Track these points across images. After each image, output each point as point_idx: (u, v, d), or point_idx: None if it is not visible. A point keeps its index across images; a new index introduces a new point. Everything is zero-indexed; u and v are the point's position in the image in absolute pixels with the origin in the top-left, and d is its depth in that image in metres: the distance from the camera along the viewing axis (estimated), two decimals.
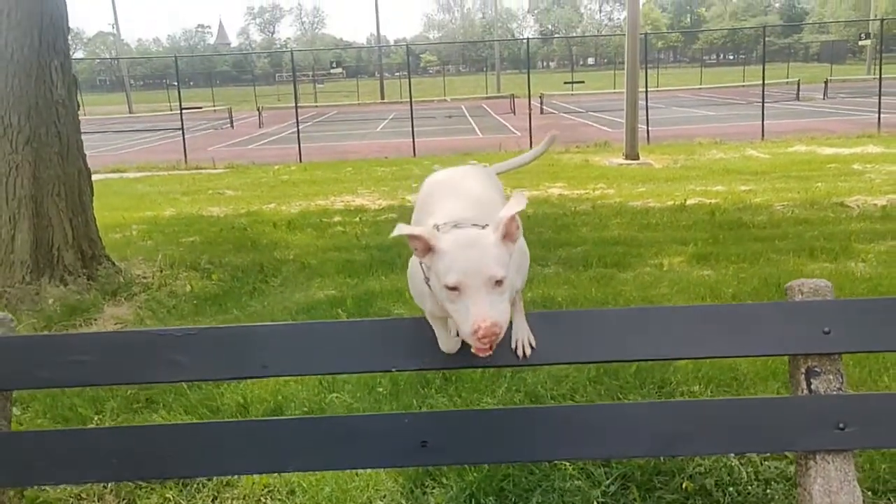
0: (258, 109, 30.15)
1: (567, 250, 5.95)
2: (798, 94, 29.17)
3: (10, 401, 1.91)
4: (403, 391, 3.19)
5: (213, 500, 2.54)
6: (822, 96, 28.64)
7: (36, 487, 2.58)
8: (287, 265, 5.91)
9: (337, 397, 3.11)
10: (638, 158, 13.69)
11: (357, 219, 8.53)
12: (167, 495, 2.54)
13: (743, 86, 34.60)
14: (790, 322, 1.92)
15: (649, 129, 17.04)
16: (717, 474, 2.45)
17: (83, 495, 2.58)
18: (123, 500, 2.58)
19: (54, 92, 4.95)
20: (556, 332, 1.90)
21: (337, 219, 8.64)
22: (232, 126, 29.32)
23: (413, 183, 11.81)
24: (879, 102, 17.36)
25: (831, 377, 1.91)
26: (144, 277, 5.34)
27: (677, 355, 1.94)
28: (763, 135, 16.53)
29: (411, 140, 17.17)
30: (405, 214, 8.66)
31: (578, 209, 8.52)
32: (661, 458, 2.54)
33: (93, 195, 5.32)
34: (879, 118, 17.04)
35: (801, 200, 8.21)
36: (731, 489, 2.38)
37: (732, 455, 2.50)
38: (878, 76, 19.28)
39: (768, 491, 2.36)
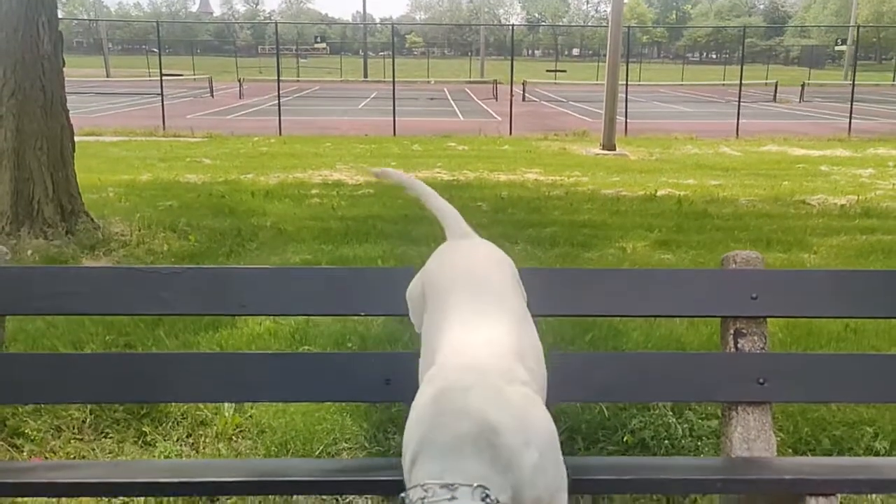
0: (239, 81, 29.90)
1: (537, 230, 6.16)
2: (775, 95, 29.67)
3: (3, 325, 2.05)
4: (371, 348, 3.36)
5: (187, 437, 2.71)
6: (798, 99, 29.17)
7: (17, 419, 2.73)
8: (264, 231, 6.04)
9: (307, 349, 3.28)
10: (614, 149, 13.94)
11: (334, 192, 8.65)
12: (143, 430, 2.70)
13: (723, 84, 35.11)
14: (723, 287, 2.13)
15: (628, 121, 17.32)
16: (655, 430, 2.67)
17: (63, 427, 2.73)
18: (101, 433, 2.73)
19: (40, 47, 5.02)
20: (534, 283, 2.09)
21: (314, 191, 8.75)
22: (212, 95, 29.07)
23: (392, 161, 11.94)
24: (851, 108, 17.81)
25: (756, 338, 2.12)
26: (122, 235, 5.44)
27: (623, 312, 2.14)
28: (738, 133, 16.89)
29: (392, 119, 17.24)
30: (382, 192, 8.82)
31: (552, 194, 8.74)
32: (606, 415, 2.75)
33: (74, 151, 5.39)
34: (850, 123, 17.50)
35: (766, 196, 8.51)
36: (666, 442, 2.61)
37: (670, 414, 2.72)
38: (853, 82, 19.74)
39: (699, 444, 2.59)
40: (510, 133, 17.37)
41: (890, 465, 2.09)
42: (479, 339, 1.30)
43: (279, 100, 18.09)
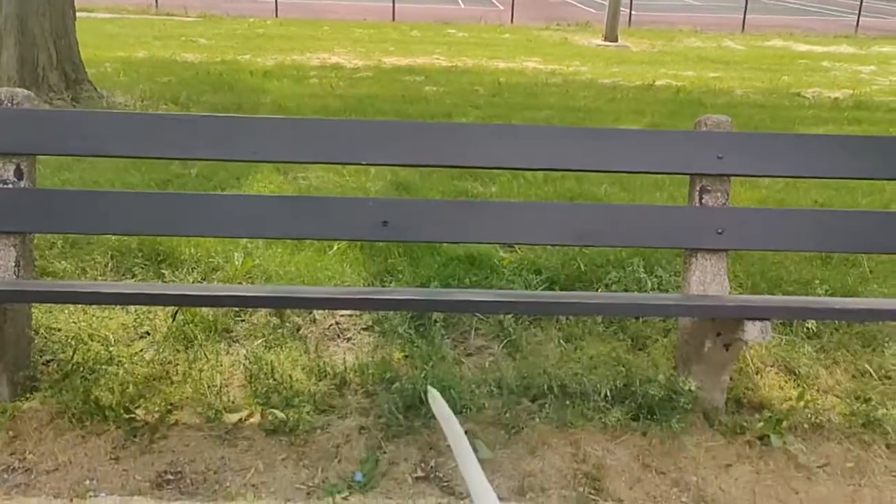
0: None
1: (532, 113, 6.28)
2: None
3: (34, 164, 2.26)
4: (370, 257, 3.45)
5: (202, 280, 2.98)
6: None
7: (45, 260, 2.98)
8: (264, 107, 6.15)
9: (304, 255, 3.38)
10: (616, 41, 13.72)
11: (333, 74, 8.66)
12: (162, 272, 2.96)
13: None
14: (692, 147, 2.34)
15: (632, 13, 16.92)
16: (628, 284, 2.94)
17: (87, 269, 2.99)
18: (122, 275, 3.00)
19: None
20: (502, 141, 2.29)
21: (313, 73, 8.75)
22: None
23: (390, 47, 11.80)
24: (861, 4, 17.39)
25: (719, 194, 2.35)
26: (126, 105, 5.55)
27: (600, 167, 2.35)
28: (743, 27, 16.56)
29: (391, 4, 16.80)
30: (381, 75, 8.81)
31: (550, 82, 8.76)
32: (583, 269, 3.02)
33: (75, 19, 5.42)
34: (858, 20, 17.14)
35: (763, 89, 8.56)
36: (635, 292, 2.89)
37: (642, 270, 2.99)
38: None
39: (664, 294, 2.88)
40: (511, 22, 17.00)
41: (823, 300, 2.37)
42: None
43: None
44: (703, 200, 2.35)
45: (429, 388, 0.96)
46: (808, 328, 2.67)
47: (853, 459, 2.14)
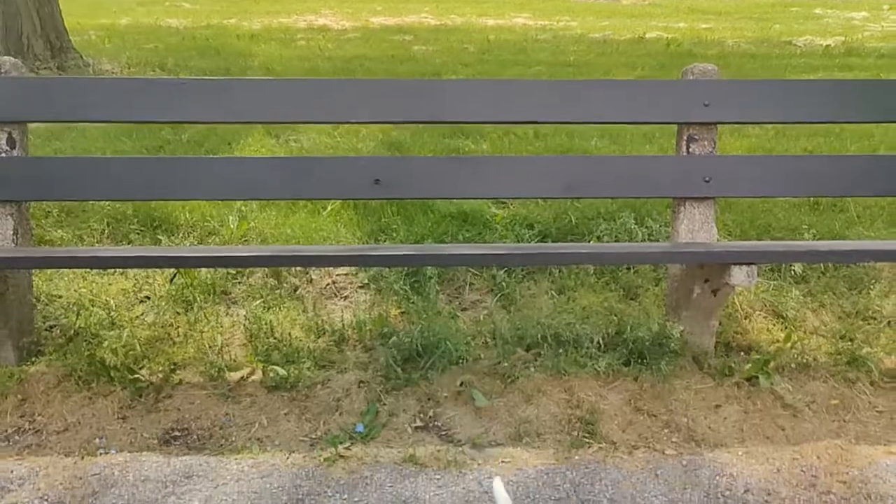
0: None
1: (522, 69, 6.25)
2: None
3: (25, 131, 2.27)
4: (363, 217, 3.46)
5: (199, 242, 3.01)
6: None
7: (42, 229, 3.01)
8: (252, 70, 6.10)
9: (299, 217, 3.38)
10: None
11: (320, 36, 8.58)
12: (158, 238, 2.99)
13: None
14: (679, 96, 2.36)
15: None
16: (618, 235, 2.99)
17: (84, 237, 3.02)
18: (118, 242, 3.02)
19: None
20: (490, 95, 2.31)
21: (300, 35, 8.66)
22: None
23: (378, 6, 11.65)
24: None
25: (706, 142, 2.37)
26: (113, 72, 5.51)
27: (586, 119, 2.37)
28: None
29: None
30: (369, 35, 8.73)
31: (539, 38, 8.70)
32: (574, 222, 3.06)
33: None
34: None
35: (754, 39, 8.51)
36: (626, 241, 2.93)
37: (633, 222, 3.02)
38: None
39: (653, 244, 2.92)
40: None
41: (807, 244, 2.41)
42: None
43: None
44: (691, 149, 2.37)
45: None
46: (795, 272, 2.72)
47: (838, 397, 2.22)
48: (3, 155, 2.19)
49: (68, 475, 1.87)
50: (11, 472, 1.88)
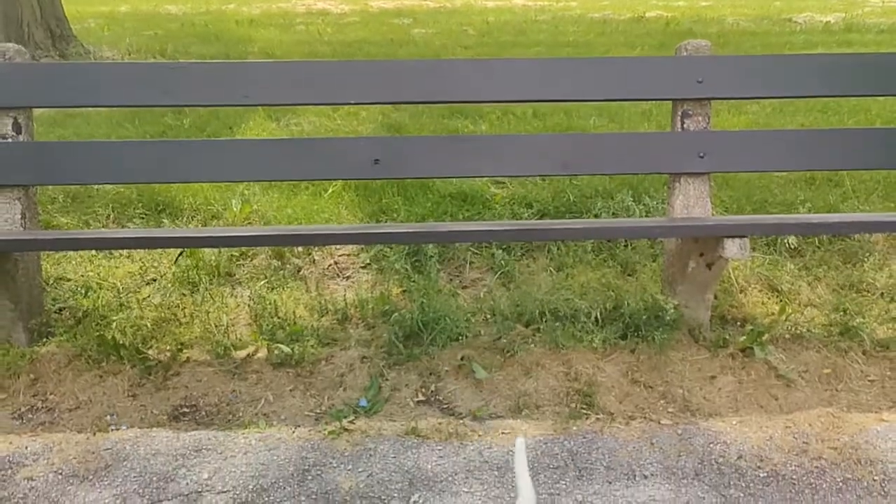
0: None
1: (521, 50, 6.25)
2: None
3: (31, 116, 2.31)
4: (364, 198, 3.48)
5: (202, 226, 3.05)
6: None
7: (48, 214, 3.05)
8: (252, 56, 6.11)
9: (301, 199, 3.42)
10: None
11: (320, 20, 8.56)
12: (163, 221, 3.04)
13: None
14: (673, 73, 2.38)
15: None
16: (616, 212, 3.02)
17: (90, 221, 3.07)
18: (124, 225, 3.07)
19: None
20: (488, 75, 2.34)
21: (299, 20, 8.65)
22: None
23: None
24: None
25: (700, 118, 2.41)
26: (113, 59, 5.53)
27: (582, 97, 2.40)
28: None
29: None
30: (369, 19, 8.70)
31: (538, 18, 8.67)
32: (573, 200, 3.10)
33: None
34: None
35: (754, 16, 8.48)
36: (623, 217, 2.97)
37: (630, 199, 3.06)
38: None
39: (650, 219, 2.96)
40: None
41: (799, 216, 2.45)
42: None
43: None
44: (685, 125, 2.40)
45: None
46: (790, 245, 2.76)
47: (830, 366, 2.26)
48: (10, 140, 2.23)
49: (81, 450, 1.93)
50: (26, 447, 1.94)
